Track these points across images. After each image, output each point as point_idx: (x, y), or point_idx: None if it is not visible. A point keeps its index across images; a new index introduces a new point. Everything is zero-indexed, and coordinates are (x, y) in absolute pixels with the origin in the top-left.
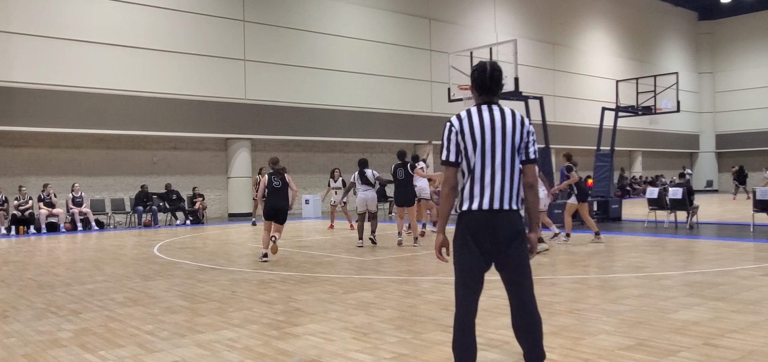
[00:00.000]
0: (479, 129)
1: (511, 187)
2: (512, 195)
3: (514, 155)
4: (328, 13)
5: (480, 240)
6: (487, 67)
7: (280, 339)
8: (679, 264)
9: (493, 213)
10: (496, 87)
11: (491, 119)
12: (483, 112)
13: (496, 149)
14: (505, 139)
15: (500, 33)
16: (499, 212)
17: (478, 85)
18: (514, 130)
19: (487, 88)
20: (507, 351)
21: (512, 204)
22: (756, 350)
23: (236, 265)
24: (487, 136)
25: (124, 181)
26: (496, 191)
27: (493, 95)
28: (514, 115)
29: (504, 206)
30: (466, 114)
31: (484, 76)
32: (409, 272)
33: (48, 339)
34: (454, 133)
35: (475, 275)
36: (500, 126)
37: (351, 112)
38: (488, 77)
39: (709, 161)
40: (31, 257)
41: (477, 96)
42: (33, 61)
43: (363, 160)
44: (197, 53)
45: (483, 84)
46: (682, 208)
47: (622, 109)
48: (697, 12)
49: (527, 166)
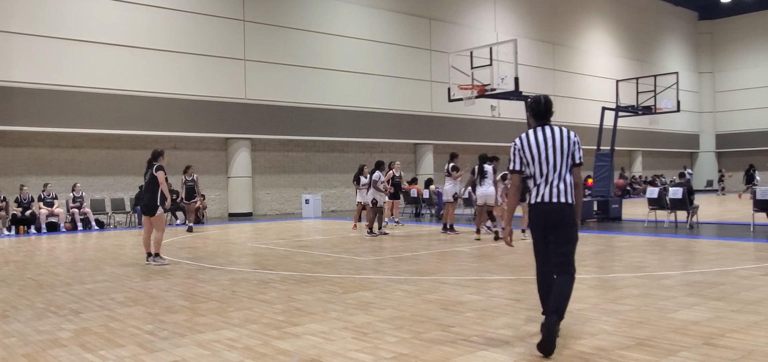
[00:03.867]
0: (535, 145)
1: (561, 186)
2: (561, 191)
3: (563, 162)
4: (328, 13)
5: (541, 222)
6: (542, 100)
7: (280, 339)
8: (679, 264)
9: (549, 204)
10: (548, 114)
11: (544, 137)
12: (538, 133)
13: (550, 158)
14: (556, 150)
15: (500, 33)
16: (552, 204)
17: (534, 113)
18: (562, 142)
19: (541, 115)
20: (507, 350)
21: (560, 198)
22: (756, 350)
23: (236, 265)
24: (542, 149)
25: (124, 181)
26: (552, 189)
27: (546, 120)
28: (563, 131)
29: (555, 199)
30: (526, 135)
31: (539, 106)
32: (409, 272)
33: (48, 338)
34: (517, 150)
35: (542, 246)
36: (551, 141)
37: (351, 112)
38: (542, 108)
39: (709, 161)
40: (32, 257)
41: (534, 121)
42: (33, 61)
43: (484, 155)
44: (197, 53)
45: (538, 112)
46: (682, 208)
47: (622, 109)
48: (697, 12)
49: (575, 169)
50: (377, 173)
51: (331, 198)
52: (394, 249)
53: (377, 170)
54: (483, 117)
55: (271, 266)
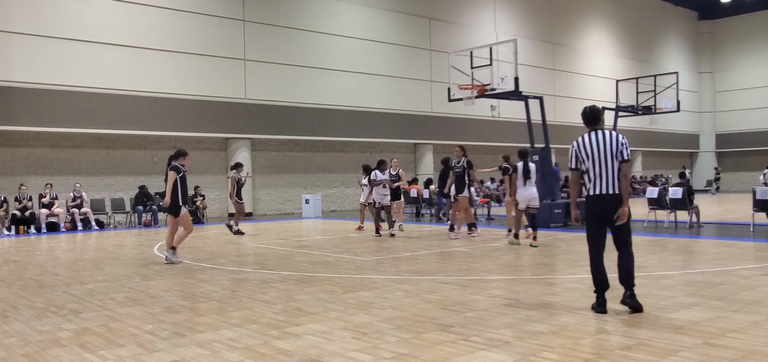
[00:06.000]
0: (590, 146)
1: (612, 179)
2: (613, 184)
3: (613, 160)
4: (328, 13)
5: (597, 212)
6: (594, 109)
7: (280, 339)
8: (679, 264)
9: (606, 195)
10: (598, 121)
11: (597, 140)
12: (591, 136)
13: (602, 157)
14: (605, 150)
15: (500, 33)
16: (608, 195)
17: (588, 121)
18: (611, 144)
19: (593, 122)
20: (507, 350)
21: (613, 190)
22: (756, 350)
23: (236, 265)
24: (595, 149)
25: (124, 181)
26: (604, 182)
27: (597, 125)
28: (612, 134)
29: (611, 191)
30: (582, 138)
31: (590, 115)
32: (409, 272)
33: (48, 338)
34: (575, 150)
35: (597, 234)
36: (602, 143)
37: (351, 111)
38: (592, 116)
39: (709, 161)
40: (31, 257)
41: (587, 127)
42: (33, 61)
43: (523, 151)
44: (197, 53)
45: (590, 120)
46: (682, 208)
47: (622, 109)
48: (697, 12)
49: (622, 164)
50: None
51: (331, 198)
52: (395, 249)
53: (377, 169)
54: (483, 117)
55: (271, 266)
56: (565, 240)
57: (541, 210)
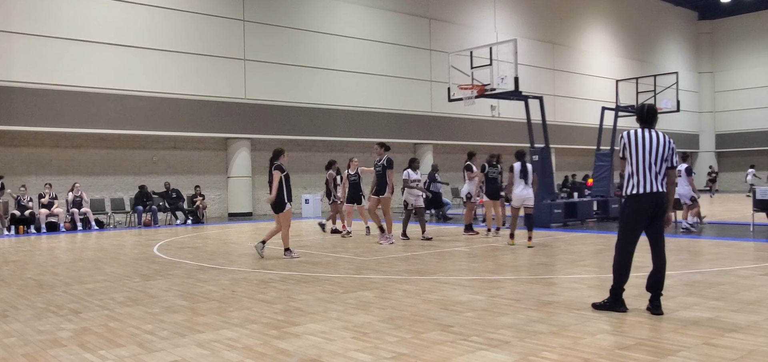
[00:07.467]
0: (640, 142)
1: (659, 179)
2: (658, 184)
3: (660, 161)
4: (328, 13)
5: (642, 208)
6: (646, 108)
7: (280, 339)
8: (679, 264)
9: (651, 194)
10: (651, 120)
11: (649, 138)
12: (644, 133)
13: (649, 156)
14: (653, 150)
15: (500, 32)
16: (653, 194)
17: (641, 119)
18: (659, 146)
19: (646, 121)
20: (507, 350)
21: (658, 189)
22: (756, 350)
23: (236, 265)
24: (644, 147)
25: (124, 181)
26: (649, 182)
27: (650, 124)
28: (664, 136)
29: (656, 189)
30: (634, 132)
31: (644, 113)
32: (409, 272)
33: (48, 338)
34: (625, 143)
35: (636, 230)
36: (650, 142)
37: (351, 111)
38: (646, 114)
39: (709, 161)
40: (31, 257)
41: (640, 124)
42: (33, 60)
43: (521, 151)
44: (197, 53)
45: (643, 118)
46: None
47: (622, 109)
48: (697, 11)
49: (669, 170)
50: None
51: None
52: (394, 249)
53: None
54: (483, 117)
55: (271, 266)
56: (565, 240)
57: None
